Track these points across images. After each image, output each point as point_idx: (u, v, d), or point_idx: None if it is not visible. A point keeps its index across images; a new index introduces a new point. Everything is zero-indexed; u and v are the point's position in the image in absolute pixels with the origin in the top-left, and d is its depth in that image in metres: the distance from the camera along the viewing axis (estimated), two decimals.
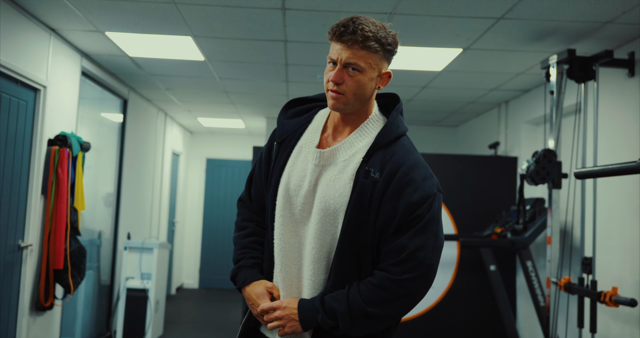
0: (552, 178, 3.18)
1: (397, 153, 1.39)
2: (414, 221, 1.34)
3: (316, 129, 1.48)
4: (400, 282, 1.32)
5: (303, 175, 1.43)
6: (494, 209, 4.55)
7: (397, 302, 1.34)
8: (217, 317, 5.95)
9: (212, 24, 3.13)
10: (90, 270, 4.21)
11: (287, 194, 1.44)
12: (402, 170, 1.36)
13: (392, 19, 2.95)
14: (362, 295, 1.33)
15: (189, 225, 7.83)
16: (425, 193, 1.35)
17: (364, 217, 1.35)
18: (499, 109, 5.10)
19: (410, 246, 1.33)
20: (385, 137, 1.40)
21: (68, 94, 3.69)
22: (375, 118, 1.45)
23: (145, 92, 5.21)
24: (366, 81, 1.37)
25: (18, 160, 3.13)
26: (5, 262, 3.03)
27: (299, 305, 1.37)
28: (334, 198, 1.38)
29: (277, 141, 1.49)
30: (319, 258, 1.40)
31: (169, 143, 6.56)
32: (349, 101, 1.38)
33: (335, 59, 1.36)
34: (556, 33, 3.10)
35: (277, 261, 1.46)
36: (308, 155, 1.45)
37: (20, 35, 3.03)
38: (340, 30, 1.34)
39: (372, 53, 1.35)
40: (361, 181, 1.35)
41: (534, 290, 3.87)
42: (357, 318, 1.33)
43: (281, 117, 1.53)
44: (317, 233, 1.39)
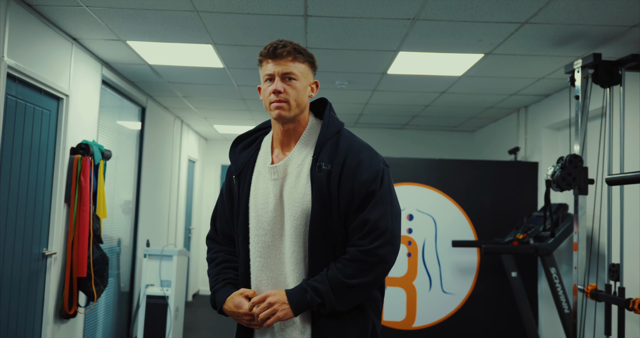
0: (579, 184, 3.13)
1: (341, 143, 1.56)
2: (369, 197, 1.50)
3: (266, 152, 1.63)
4: (370, 251, 1.47)
5: (266, 193, 1.57)
6: (515, 216, 4.50)
7: (372, 270, 1.47)
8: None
9: (232, 31, 3.14)
10: (110, 278, 4.22)
11: (257, 214, 1.57)
12: (350, 155, 1.53)
13: (415, 25, 2.93)
14: (339, 271, 1.46)
15: (205, 232, 7.83)
16: (374, 170, 1.52)
17: (327, 207, 1.49)
18: (518, 114, 5.05)
19: (372, 218, 1.47)
20: (326, 134, 1.56)
21: (89, 103, 3.71)
22: (313, 124, 1.62)
23: (162, 100, 5.23)
24: (302, 88, 1.55)
25: (42, 169, 3.15)
26: (30, 270, 3.04)
27: (286, 291, 1.49)
28: (298, 200, 1.52)
29: (235, 174, 1.63)
30: (301, 258, 1.52)
31: (185, 150, 6.59)
32: (292, 107, 1.54)
33: (272, 74, 1.54)
34: (581, 37, 3.06)
35: (258, 279, 1.56)
36: (265, 174, 1.59)
37: (43, 45, 3.06)
38: (272, 48, 1.54)
39: (302, 63, 1.55)
40: (316, 176, 1.51)
41: (558, 297, 3.81)
42: (339, 292, 1.45)
43: (232, 154, 1.68)
44: (293, 238, 1.52)
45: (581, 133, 3.22)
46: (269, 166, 1.60)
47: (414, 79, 4.10)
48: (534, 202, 4.57)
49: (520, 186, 4.58)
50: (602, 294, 3.04)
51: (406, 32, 3.05)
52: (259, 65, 1.60)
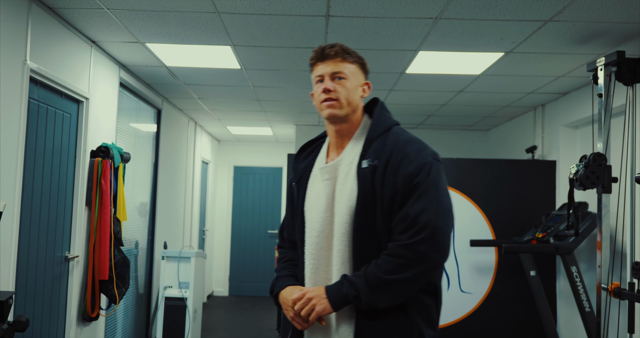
0: (602, 183, 3.10)
1: (389, 139, 1.54)
2: (413, 190, 1.45)
3: (322, 156, 1.66)
4: (409, 246, 1.40)
5: (319, 194, 1.59)
6: (533, 214, 4.46)
7: (411, 266, 1.40)
8: (251, 325, 5.94)
9: (252, 32, 3.14)
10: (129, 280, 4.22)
11: (311, 216, 1.59)
12: (396, 149, 1.50)
13: (437, 24, 2.92)
14: (377, 266, 1.43)
15: (218, 233, 7.85)
16: (420, 163, 1.47)
17: (371, 203, 1.47)
18: (534, 113, 5.01)
19: (412, 212, 1.42)
20: (375, 131, 1.55)
21: (108, 106, 3.72)
22: (366, 123, 1.62)
23: (177, 102, 5.24)
24: (352, 87, 1.55)
25: (63, 172, 3.16)
26: (54, 274, 3.05)
27: (325, 287, 1.48)
28: (345, 197, 1.52)
29: (295, 182, 1.67)
30: (346, 258, 1.50)
31: (199, 152, 6.60)
32: (343, 105, 1.54)
33: (322, 74, 1.56)
34: (603, 35, 3.03)
35: (311, 282, 1.57)
36: (319, 176, 1.61)
37: (63, 48, 3.07)
38: (320, 49, 1.56)
39: (351, 63, 1.57)
40: (361, 171, 1.49)
41: (579, 296, 3.79)
42: (376, 287, 1.41)
43: (295, 163, 1.71)
44: (341, 236, 1.51)
45: (604, 131, 3.19)
46: (320, 167, 1.62)
47: (432, 79, 4.08)
48: (552, 201, 4.53)
49: (538, 185, 4.55)
50: (625, 292, 3.01)
51: (428, 32, 3.04)
52: (310, 70, 1.62)
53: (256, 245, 7.83)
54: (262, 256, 7.80)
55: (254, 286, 7.80)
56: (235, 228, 7.88)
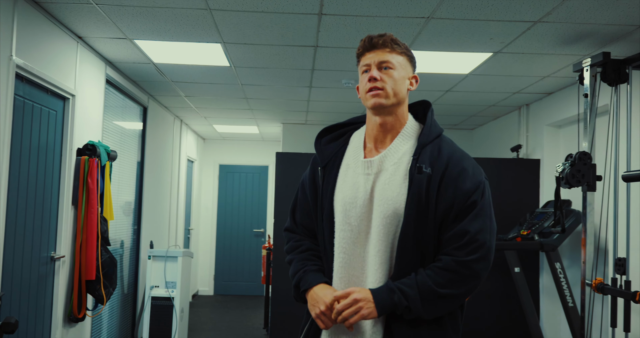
0: (587, 181, 3.17)
1: (443, 148, 1.49)
2: (470, 207, 1.43)
3: (357, 147, 1.57)
4: (465, 264, 1.39)
5: (356, 188, 1.51)
6: (517, 212, 4.53)
7: (464, 282, 1.40)
8: (237, 324, 5.91)
9: (243, 30, 3.12)
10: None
11: (344, 209, 1.51)
12: (453, 161, 1.46)
13: (428, 23, 2.94)
14: (430, 278, 1.40)
15: (203, 232, 7.80)
16: (476, 180, 1.46)
17: (423, 210, 1.42)
18: (519, 112, 5.09)
19: (471, 230, 1.40)
20: (428, 136, 1.50)
21: (94, 103, 3.66)
22: (412, 124, 1.56)
23: (163, 100, 5.18)
24: (399, 78, 1.50)
25: (49, 170, 3.10)
26: (39, 274, 2.99)
27: (371, 290, 1.41)
28: (392, 198, 1.45)
29: (321, 165, 1.58)
30: (386, 259, 1.46)
31: (184, 150, 6.54)
32: (389, 95, 1.48)
33: (369, 63, 1.50)
34: (589, 36, 3.09)
35: (338, 276, 1.51)
36: (357, 168, 1.53)
37: (49, 44, 3.01)
38: (370, 38, 1.52)
39: (399, 54, 1.52)
40: (416, 177, 1.43)
41: (563, 291, 3.86)
42: (428, 300, 1.38)
43: (318, 145, 1.62)
44: (381, 236, 1.45)
45: (590, 130, 3.25)
46: (362, 159, 1.53)
47: (421, 78, 4.05)
48: (535, 199, 4.61)
49: (523, 183, 4.62)
50: (608, 288, 3.09)
51: (419, 31, 3.06)
52: (357, 62, 1.55)
53: (242, 244, 7.79)
54: (248, 255, 7.77)
55: (240, 285, 7.76)
56: (220, 227, 7.83)
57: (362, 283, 1.48)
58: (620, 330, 3.07)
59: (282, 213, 4.26)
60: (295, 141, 6.17)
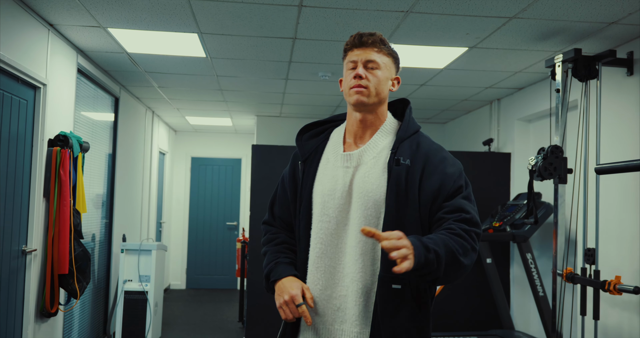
0: (559, 174, 3.27)
1: (421, 142, 1.55)
2: (458, 190, 1.48)
3: (337, 142, 1.62)
4: (469, 233, 1.41)
5: (335, 180, 1.55)
6: (489, 204, 4.64)
7: (471, 251, 1.40)
8: (211, 317, 5.88)
9: (222, 20, 3.08)
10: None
11: (323, 201, 1.55)
12: (432, 153, 1.53)
13: (407, 17, 2.97)
14: (454, 246, 1.35)
15: (175, 226, 7.69)
16: (457, 168, 1.53)
17: (403, 201, 1.47)
18: (490, 107, 5.20)
19: (468, 209, 1.45)
20: (406, 131, 1.56)
21: (66, 92, 3.56)
22: (390, 121, 1.62)
23: (135, 90, 5.07)
24: (383, 78, 1.54)
25: (20, 161, 3.01)
26: (10, 268, 2.90)
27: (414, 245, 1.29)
28: (372, 190, 1.50)
29: (302, 160, 1.62)
30: (366, 250, 1.48)
31: (156, 142, 6.42)
32: (371, 93, 1.52)
33: (356, 60, 1.54)
34: (562, 33, 3.18)
35: (315, 266, 1.54)
36: (336, 162, 1.58)
37: (20, 31, 2.90)
38: (358, 36, 1.55)
39: (386, 55, 1.56)
40: (394, 169, 1.49)
41: (534, 281, 3.98)
42: (449, 266, 1.34)
43: (299, 141, 1.67)
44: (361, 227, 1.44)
45: (561, 124, 3.36)
46: (341, 153, 1.58)
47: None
48: (506, 191, 4.73)
49: (494, 176, 4.74)
50: (578, 277, 3.20)
51: (397, 25, 3.09)
52: (344, 56, 1.59)
53: (214, 237, 7.73)
54: (221, 249, 7.71)
55: (212, 279, 7.70)
56: (192, 220, 7.75)
57: (339, 273, 1.51)
58: (589, 318, 3.19)
59: (259, 206, 4.24)
60: (269, 134, 6.15)
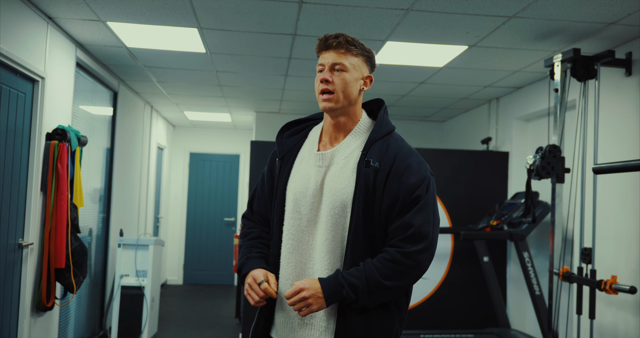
0: (557, 173, 3.28)
1: (391, 145, 1.57)
2: (414, 201, 1.50)
3: (313, 141, 1.66)
4: (410, 255, 1.47)
5: (307, 178, 1.59)
6: (487, 203, 4.66)
7: (408, 273, 1.48)
8: (208, 313, 5.88)
9: (222, 16, 3.07)
10: None
11: (295, 198, 1.58)
12: (399, 157, 1.53)
13: (407, 15, 2.96)
14: (377, 270, 1.46)
15: (173, 221, 7.69)
16: (421, 176, 1.53)
17: (370, 203, 1.50)
18: (489, 105, 5.20)
19: (415, 223, 1.48)
20: (378, 133, 1.57)
21: (64, 86, 3.55)
22: (365, 121, 1.63)
23: (133, 85, 5.06)
24: (351, 80, 1.54)
25: (17, 155, 3.00)
26: (6, 262, 2.90)
27: (321, 283, 1.47)
28: (340, 190, 1.53)
29: (279, 157, 1.66)
30: (333, 248, 1.53)
31: (155, 137, 6.41)
32: (339, 98, 1.54)
33: (323, 64, 1.56)
34: (561, 33, 3.18)
35: (286, 261, 1.58)
36: (310, 160, 1.61)
37: (19, 24, 2.89)
38: (326, 38, 1.55)
39: (354, 56, 1.55)
40: (364, 171, 1.51)
41: (530, 280, 4.00)
42: (375, 292, 1.46)
43: (279, 138, 1.69)
44: (329, 226, 1.53)
45: (559, 124, 3.36)
46: (315, 152, 1.61)
47: (397, 69, 4.14)
48: (504, 190, 4.74)
49: (492, 175, 4.75)
50: (574, 276, 3.22)
51: (398, 22, 3.08)
52: (318, 58, 1.61)
53: (212, 232, 7.72)
54: (218, 245, 7.71)
55: (210, 274, 7.71)
56: (190, 216, 7.74)
57: (310, 269, 1.55)
58: (585, 317, 3.20)
59: None
60: (268, 130, 6.14)
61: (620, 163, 2.31)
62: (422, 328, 4.49)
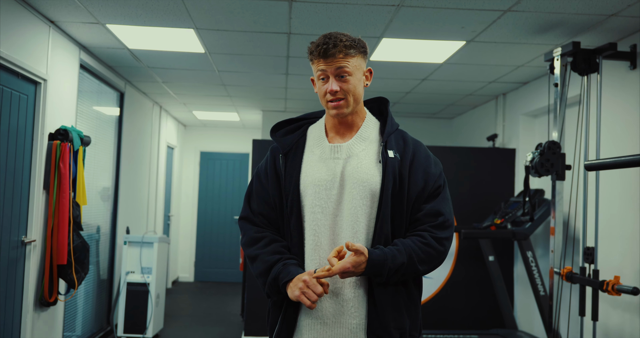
0: (556, 170, 3.21)
1: (406, 138, 1.63)
2: (437, 190, 1.56)
3: (319, 137, 1.63)
4: (441, 241, 1.52)
5: (325, 171, 1.56)
6: (492, 201, 4.60)
7: (437, 258, 1.53)
8: (215, 310, 5.95)
9: (215, 16, 3.10)
10: (90, 265, 4.16)
11: (315, 191, 1.55)
12: (418, 149, 1.60)
13: (399, 11, 2.94)
14: (416, 255, 1.48)
15: (184, 219, 7.79)
16: (439, 167, 1.61)
17: (397, 192, 1.53)
18: (496, 101, 5.13)
19: (445, 212, 1.54)
20: (391, 127, 1.62)
21: (67, 88, 3.63)
22: (370, 118, 1.65)
23: (141, 86, 5.14)
24: (357, 82, 1.56)
25: (20, 155, 3.08)
26: (9, 258, 2.99)
27: (369, 256, 1.45)
28: (367, 180, 1.53)
29: (283, 152, 1.61)
30: (363, 240, 1.52)
31: (164, 137, 6.50)
32: (349, 103, 1.55)
33: (326, 72, 1.53)
34: (560, 26, 3.12)
35: (310, 259, 1.53)
36: (324, 153, 1.59)
37: (20, 28, 2.97)
38: (322, 48, 1.51)
39: (353, 57, 1.54)
40: (389, 159, 1.54)
41: (534, 280, 3.93)
42: (406, 274, 1.49)
43: (274, 136, 1.66)
44: (358, 218, 1.52)
45: (559, 119, 3.30)
46: (329, 145, 1.59)
47: (396, 66, 4.12)
48: (511, 188, 4.67)
49: (498, 172, 4.68)
50: (577, 276, 3.14)
51: (390, 19, 3.07)
52: (310, 59, 1.57)
53: (222, 231, 7.80)
54: (228, 242, 7.78)
55: (220, 272, 7.79)
56: (201, 214, 7.83)
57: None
58: (589, 319, 3.12)
59: None
60: None
61: (612, 159, 2.25)
62: (426, 328, 4.46)
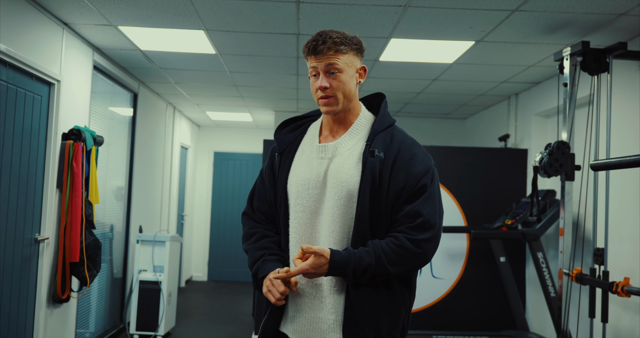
0: (565, 170, 3.18)
1: (395, 135, 1.59)
2: (421, 190, 1.52)
3: (314, 135, 1.67)
4: (418, 243, 1.49)
5: (309, 170, 1.59)
6: (504, 202, 4.56)
7: (412, 260, 1.50)
8: (227, 309, 6.00)
9: (225, 17, 3.14)
10: (103, 263, 4.25)
11: (297, 190, 1.59)
12: (404, 147, 1.56)
13: (406, 12, 2.95)
14: (386, 256, 1.47)
15: (198, 218, 7.87)
16: (426, 165, 1.55)
17: (376, 192, 1.51)
18: (508, 102, 5.09)
19: (424, 212, 1.50)
20: (381, 124, 1.60)
21: (81, 88, 3.70)
22: (365, 114, 1.65)
23: (154, 86, 5.22)
24: (347, 79, 1.55)
25: (33, 154, 3.16)
26: (23, 255, 3.06)
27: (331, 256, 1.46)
28: (345, 180, 1.54)
29: (278, 152, 1.66)
30: (340, 239, 1.53)
31: (178, 137, 6.58)
32: (339, 100, 1.56)
33: (316, 68, 1.55)
34: (569, 25, 3.09)
35: (293, 255, 1.57)
36: (311, 153, 1.62)
37: (34, 30, 3.05)
38: (313, 44, 1.54)
39: (344, 54, 1.54)
40: (369, 160, 1.52)
41: (545, 281, 3.89)
42: (376, 275, 1.48)
43: (277, 134, 1.70)
44: (335, 217, 1.53)
45: (569, 120, 3.26)
46: (317, 144, 1.62)
47: (406, 66, 4.12)
48: (523, 188, 4.63)
49: (510, 173, 4.64)
50: (586, 278, 3.11)
51: (398, 19, 3.07)
52: (305, 58, 1.60)
53: (236, 230, 7.86)
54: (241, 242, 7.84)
55: (233, 271, 7.85)
56: (215, 214, 7.91)
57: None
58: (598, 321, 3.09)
59: None
60: None
61: (618, 159, 2.23)
62: (436, 328, 4.44)
